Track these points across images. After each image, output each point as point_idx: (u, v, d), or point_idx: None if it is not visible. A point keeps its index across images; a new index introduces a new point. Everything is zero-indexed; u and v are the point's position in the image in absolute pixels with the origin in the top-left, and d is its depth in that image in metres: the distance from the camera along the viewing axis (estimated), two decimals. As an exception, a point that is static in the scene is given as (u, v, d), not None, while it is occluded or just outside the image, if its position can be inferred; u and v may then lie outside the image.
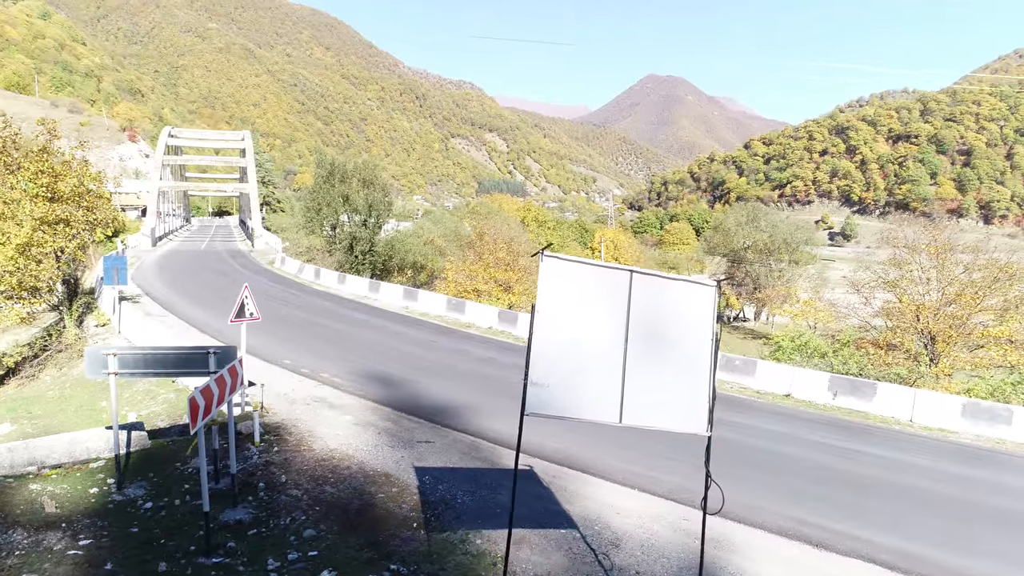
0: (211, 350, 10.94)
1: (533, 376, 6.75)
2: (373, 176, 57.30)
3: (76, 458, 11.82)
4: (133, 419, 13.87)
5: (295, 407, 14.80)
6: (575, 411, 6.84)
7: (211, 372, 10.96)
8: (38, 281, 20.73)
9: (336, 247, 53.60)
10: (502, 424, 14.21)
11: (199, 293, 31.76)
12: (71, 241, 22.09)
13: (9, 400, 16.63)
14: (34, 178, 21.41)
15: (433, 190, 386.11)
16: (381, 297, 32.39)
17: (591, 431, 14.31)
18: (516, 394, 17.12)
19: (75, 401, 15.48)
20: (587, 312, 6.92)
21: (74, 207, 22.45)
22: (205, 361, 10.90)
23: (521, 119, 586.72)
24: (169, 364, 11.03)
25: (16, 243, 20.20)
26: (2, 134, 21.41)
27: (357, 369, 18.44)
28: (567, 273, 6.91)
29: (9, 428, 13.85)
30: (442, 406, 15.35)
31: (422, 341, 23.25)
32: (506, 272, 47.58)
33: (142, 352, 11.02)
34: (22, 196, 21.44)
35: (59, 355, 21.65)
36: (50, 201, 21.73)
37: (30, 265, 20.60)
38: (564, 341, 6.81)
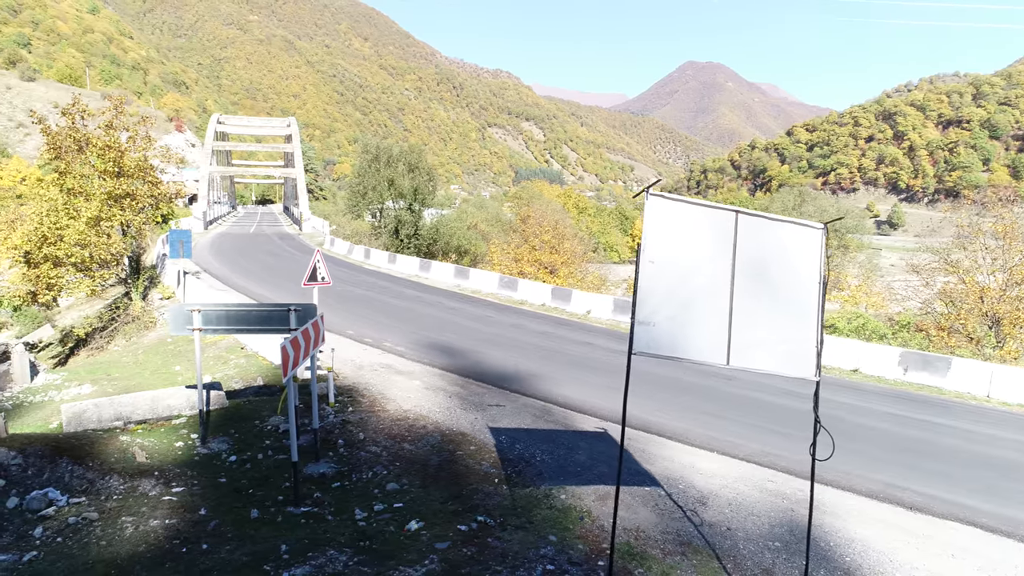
0: (292, 307, 11.03)
1: (640, 315, 6.61)
2: (419, 161, 57.52)
3: (159, 415, 12.09)
4: (209, 380, 14.13)
5: (364, 372, 14.92)
6: (682, 351, 6.70)
7: (292, 328, 11.09)
8: (107, 254, 21.27)
9: (381, 231, 54.02)
10: (570, 391, 14.12)
11: (255, 270, 32.33)
12: (137, 215, 22.62)
13: (87, 364, 17.10)
14: (102, 153, 21.93)
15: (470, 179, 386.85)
16: (432, 276, 32.54)
17: (663, 397, 14.16)
18: (579, 363, 17.13)
19: (150, 366, 15.84)
20: (693, 251, 6.76)
21: (139, 181, 22.97)
22: (286, 318, 11.01)
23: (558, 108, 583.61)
24: (252, 320, 11.16)
25: (87, 216, 20.74)
26: (72, 111, 21.96)
27: (419, 340, 18.53)
28: (672, 212, 6.75)
29: (91, 388, 14.23)
30: (507, 374, 15.32)
31: (478, 316, 23.28)
32: (551, 255, 47.39)
33: (225, 308, 11.16)
34: (91, 172, 22.00)
35: (127, 327, 22.21)
36: (117, 176, 22.25)
37: (100, 239, 21.14)
38: (670, 280, 6.66)
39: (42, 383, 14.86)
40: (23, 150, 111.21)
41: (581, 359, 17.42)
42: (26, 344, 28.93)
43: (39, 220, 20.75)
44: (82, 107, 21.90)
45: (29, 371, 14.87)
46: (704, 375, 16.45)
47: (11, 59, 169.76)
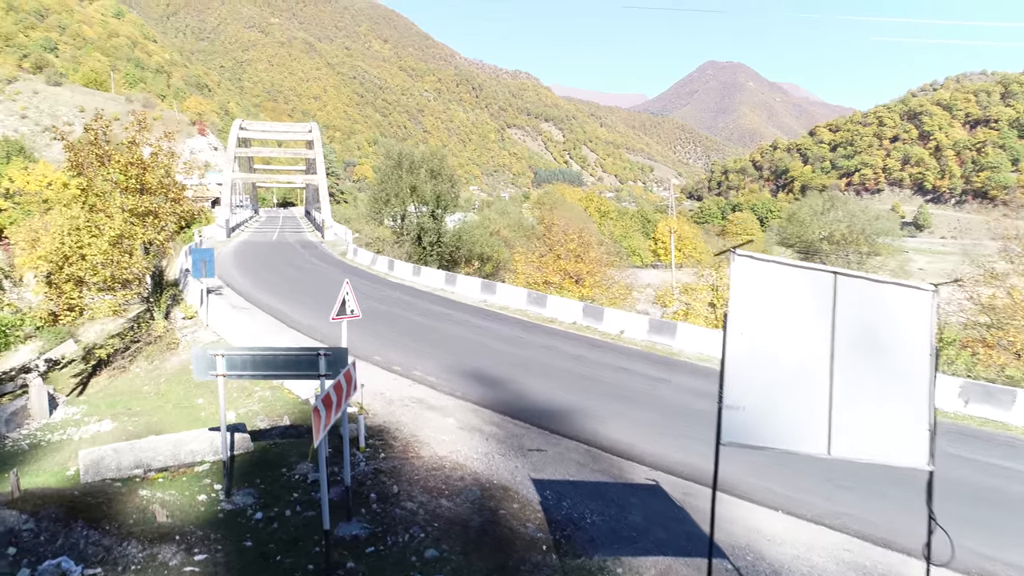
0: (321, 352, 10.30)
1: (729, 398, 5.75)
2: (440, 166, 56.87)
3: (181, 461, 11.40)
4: (232, 418, 13.46)
5: (394, 408, 14.15)
6: (776, 439, 5.83)
7: (321, 375, 10.36)
8: (129, 273, 20.75)
9: (404, 238, 53.41)
10: (615, 430, 13.25)
11: (278, 285, 31.74)
12: (159, 233, 22.09)
13: (107, 395, 16.53)
14: (124, 170, 21.42)
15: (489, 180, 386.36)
16: (458, 290, 31.77)
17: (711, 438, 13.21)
18: (619, 395, 16.23)
19: (171, 397, 15.21)
20: (787, 320, 5.88)
21: (161, 198, 22.44)
22: (315, 363, 10.29)
23: (577, 108, 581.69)
24: (278, 366, 10.45)
25: (109, 235, 20.22)
26: (94, 127, 21.47)
27: (449, 366, 17.75)
28: (762, 274, 5.88)
29: (111, 426, 13.61)
30: (546, 409, 14.47)
31: (507, 336, 22.46)
32: (577, 264, 46.45)
33: (250, 353, 10.46)
34: (113, 188, 21.49)
35: (148, 347, 21.67)
36: (139, 193, 21.74)
37: (123, 258, 20.61)
38: (762, 355, 5.79)
39: (61, 418, 14.27)
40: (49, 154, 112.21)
41: (620, 389, 16.52)
42: (48, 360, 28.63)
43: (60, 239, 20.28)
44: (104, 123, 21.41)
45: (48, 405, 14.29)
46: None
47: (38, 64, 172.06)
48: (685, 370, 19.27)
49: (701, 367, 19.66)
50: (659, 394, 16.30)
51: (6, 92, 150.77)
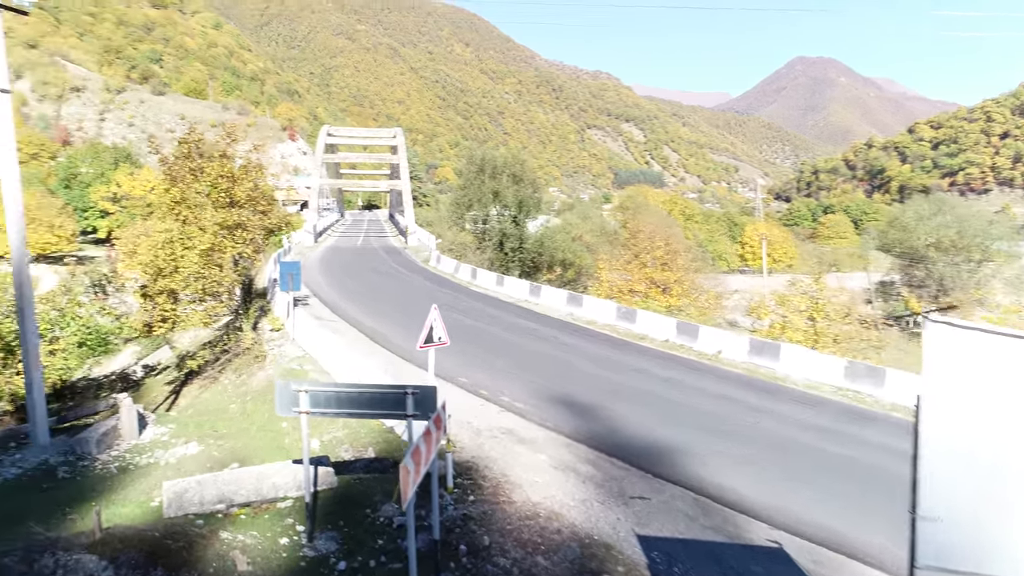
0: (409, 390, 9.55)
1: (923, 506, 4.53)
2: (522, 171, 56.20)
3: (264, 496, 10.91)
4: (316, 447, 12.97)
5: (482, 440, 13.33)
6: (990, 565, 4.55)
7: (408, 415, 9.62)
8: (219, 286, 20.89)
9: (486, 244, 53.00)
10: (723, 474, 11.96)
11: (364, 295, 31.74)
12: (248, 246, 22.20)
13: (195, 413, 16.49)
14: (215, 183, 21.60)
15: (569, 182, 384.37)
16: (542, 301, 30.84)
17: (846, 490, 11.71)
18: (722, 430, 14.85)
19: (256, 418, 14.94)
20: (1003, 405, 4.59)
21: (250, 211, 22.55)
22: (402, 402, 9.54)
23: (659, 108, 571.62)
24: (363, 404, 9.78)
25: (200, 248, 20.38)
26: (188, 140, 21.76)
27: (537, 390, 16.82)
28: (967, 347, 4.61)
29: (196, 449, 13.38)
30: (643, 445, 13.31)
31: (597, 356, 21.35)
32: (664, 272, 44.75)
33: (334, 390, 9.87)
34: (205, 201, 21.71)
35: (237, 359, 21.78)
36: (229, 206, 21.88)
37: (212, 270, 20.75)
38: (970, 451, 4.54)
39: (150, 438, 14.18)
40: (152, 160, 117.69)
41: (723, 422, 15.14)
42: (146, 366, 29.49)
43: (155, 252, 20.59)
44: (197, 136, 21.68)
45: (137, 425, 14.24)
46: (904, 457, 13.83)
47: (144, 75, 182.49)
48: (792, 399, 17.65)
49: (810, 396, 17.99)
50: (767, 428, 14.84)
51: (116, 102, 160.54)
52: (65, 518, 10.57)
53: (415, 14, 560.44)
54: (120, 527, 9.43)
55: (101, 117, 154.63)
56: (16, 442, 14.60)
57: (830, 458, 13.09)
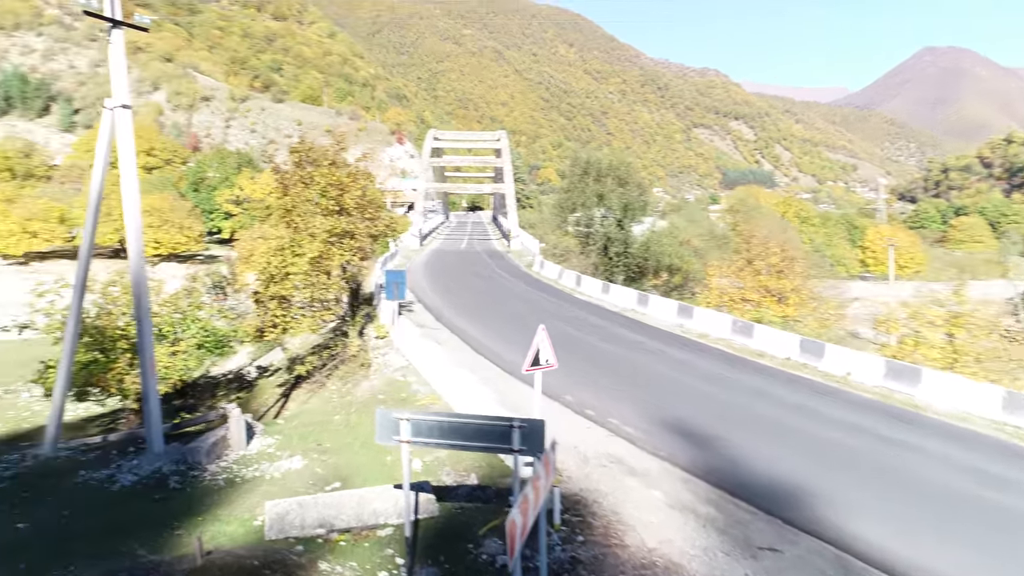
0: (515, 423, 8.86)
1: None
2: (628, 175, 54.72)
3: (364, 522, 10.52)
4: (418, 468, 12.53)
5: (590, 469, 12.46)
6: None
7: (514, 450, 8.92)
8: (327, 294, 21.09)
9: (590, 248, 51.92)
10: (865, 524, 10.51)
11: (467, 302, 31.53)
12: (355, 253, 22.33)
13: (301, 423, 16.55)
14: (324, 191, 21.83)
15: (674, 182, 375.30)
16: (650, 312, 29.51)
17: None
18: (858, 468, 13.26)
19: (361, 433, 14.72)
20: None
21: (358, 218, 22.67)
22: (508, 436, 8.87)
23: (770, 105, 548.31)
24: (467, 435, 9.18)
25: (309, 256, 20.61)
26: (299, 149, 22.12)
27: (648, 413, 15.74)
28: None
29: (301, 464, 13.28)
30: (769, 484, 12.00)
31: (710, 374, 19.97)
32: (779, 280, 42.13)
33: (436, 420, 9.33)
34: (314, 209, 21.99)
35: (343, 366, 21.94)
36: (337, 213, 22.07)
37: (321, 277, 20.97)
38: None
39: (257, 449, 14.26)
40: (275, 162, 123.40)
41: (858, 458, 13.53)
42: (259, 367, 30.47)
43: (267, 259, 21.02)
44: (307, 145, 22.02)
45: (245, 435, 14.35)
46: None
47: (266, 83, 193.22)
48: (937, 432, 15.66)
49: (960, 430, 15.91)
50: (911, 469, 13.13)
51: (240, 109, 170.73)
52: (172, 534, 10.58)
53: (520, 16, 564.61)
54: (221, 552, 9.25)
55: (227, 124, 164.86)
56: (135, 446, 15.09)
57: (997, 512, 11.32)
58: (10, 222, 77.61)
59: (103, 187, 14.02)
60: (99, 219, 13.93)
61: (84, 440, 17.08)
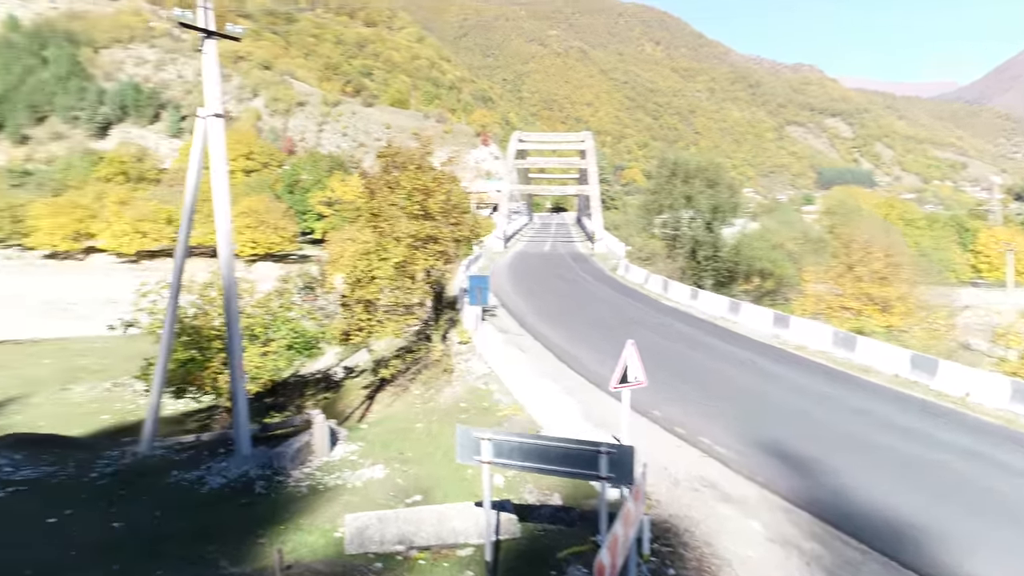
0: (602, 449, 8.32)
1: None
2: (718, 176, 52.86)
3: (443, 540, 10.22)
4: (500, 483, 12.16)
5: (681, 493, 11.74)
6: None
7: (602, 477, 8.38)
8: (411, 299, 21.10)
9: (677, 251, 50.43)
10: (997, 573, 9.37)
11: (549, 306, 31.04)
12: (439, 258, 22.27)
13: (384, 430, 16.51)
14: (409, 196, 21.87)
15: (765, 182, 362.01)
16: (742, 320, 28.14)
17: None
18: (985, 505, 11.94)
19: (442, 442, 14.50)
20: None
21: (442, 223, 22.62)
22: (594, 462, 8.35)
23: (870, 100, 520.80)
24: (551, 459, 8.72)
25: (394, 261, 20.66)
26: (386, 154, 22.26)
27: (741, 432, 14.79)
28: None
29: (382, 473, 13.17)
30: (883, 519, 10.91)
31: (811, 391, 18.70)
32: (883, 288, 39.57)
33: (519, 441, 8.92)
34: (399, 213, 22.06)
35: (426, 371, 21.91)
36: (422, 218, 22.07)
37: (405, 282, 20.99)
38: None
39: (340, 456, 14.29)
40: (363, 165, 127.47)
41: (984, 494, 12.18)
42: (346, 368, 31.02)
43: (353, 263, 21.22)
44: (394, 150, 22.13)
45: (329, 441, 14.40)
46: None
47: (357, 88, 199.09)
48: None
49: (1103, 462, 14.17)
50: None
51: (332, 114, 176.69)
52: (255, 542, 10.61)
53: (605, 16, 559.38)
54: (300, 567, 9.14)
55: (320, 128, 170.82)
56: (224, 447, 15.42)
57: None
58: (123, 222, 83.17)
59: (197, 192, 14.39)
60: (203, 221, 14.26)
61: (178, 439, 17.68)
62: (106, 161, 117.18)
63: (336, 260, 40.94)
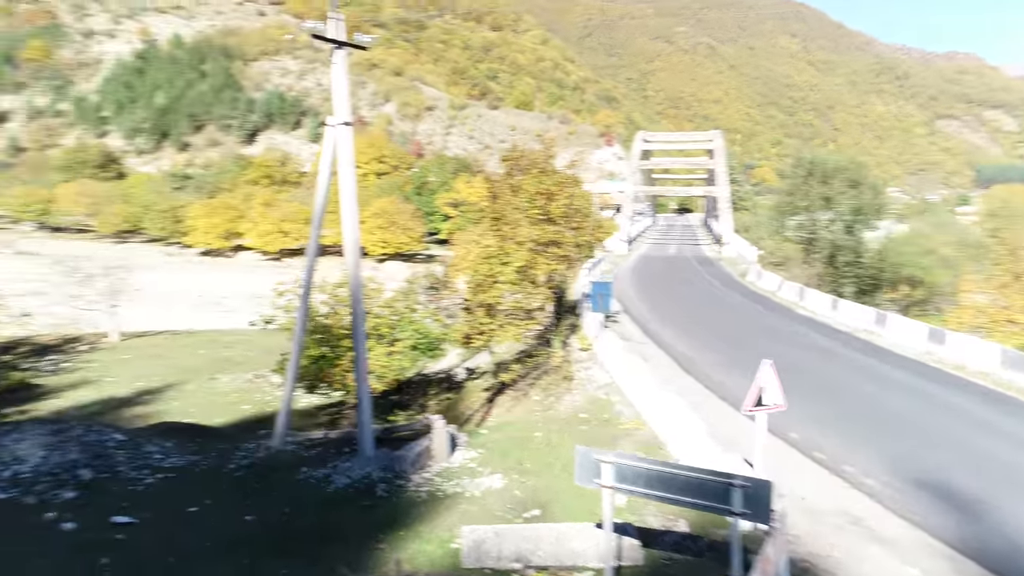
0: (736, 482, 7.60)
1: None
2: (860, 176, 49.16)
3: (561, 561, 9.82)
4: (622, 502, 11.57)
5: (822, 529, 10.68)
6: None
7: (735, 512, 7.67)
8: (532, 304, 20.90)
9: (814, 256, 47.37)
10: None
11: (674, 313, 29.90)
12: (561, 263, 21.94)
13: (503, 437, 16.37)
14: (531, 200, 21.67)
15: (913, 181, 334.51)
16: (889, 334, 25.76)
17: None
18: None
19: (561, 454, 14.13)
20: None
21: (564, 228, 22.26)
22: (726, 495, 7.63)
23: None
24: (677, 488, 8.09)
25: (516, 265, 20.54)
26: (510, 157, 22.20)
27: (893, 462, 13.36)
28: None
29: (500, 483, 12.98)
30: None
31: (974, 418, 16.70)
32: (1058, 301, 35.14)
33: (643, 467, 8.37)
34: (521, 217, 21.92)
35: (545, 377, 21.64)
36: (544, 222, 21.81)
37: (527, 287, 20.82)
38: None
39: (459, 463, 14.27)
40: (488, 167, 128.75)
41: None
42: (468, 369, 31.38)
43: (475, 267, 21.30)
44: (517, 154, 22.02)
45: (449, 447, 14.43)
46: None
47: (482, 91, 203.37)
48: None
49: None
50: None
51: (459, 117, 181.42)
52: (375, 547, 10.66)
53: (735, 10, 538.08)
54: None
55: (447, 132, 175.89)
56: (349, 447, 15.83)
57: None
58: (268, 223, 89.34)
59: (327, 198, 14.85)
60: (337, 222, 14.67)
61: (307, 435, 18.35)
62: (253, 165, 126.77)
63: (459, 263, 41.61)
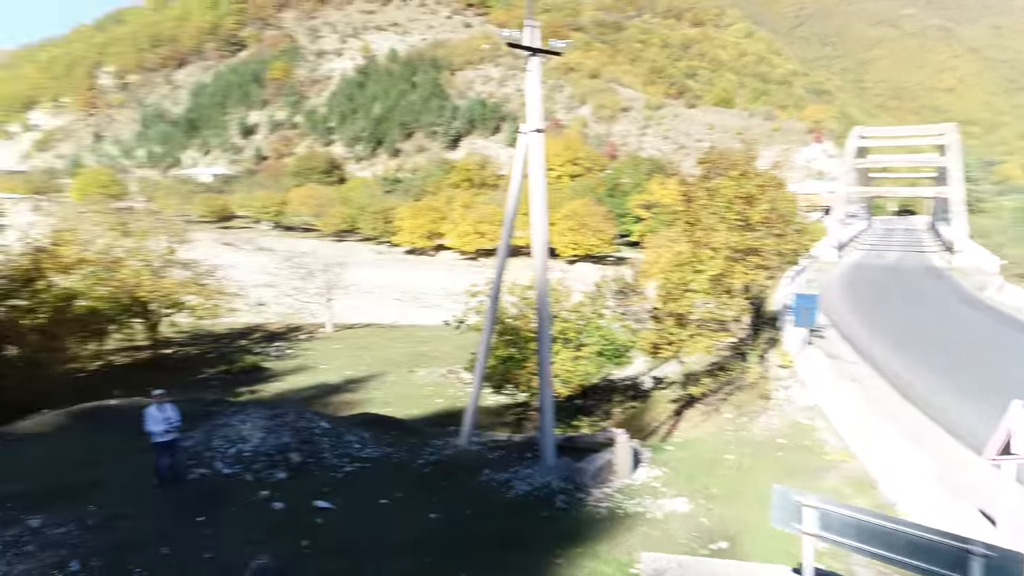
0: (975, 550, 6.32)
1: None
2: None
3: (750, 605, 8.98)
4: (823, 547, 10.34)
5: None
6: None
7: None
8: (726, 315, 19.65)
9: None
10: None
11: (893, 331, 26.38)
12: (759, 272, 20.38)
13: (690, 455, 15.47)
14: (729, 204, 20.37)
15: None
16: None
17: None
18: None
19: (752, 480, 13.02)
20: None
21: (764, 234, 20.65)
22: (962, 564, 6.38)
23: None
24: (896, 547, 6.94)
25: (710, 273, 19.44)
26: (707, 159, 21.09)
27: None
28: None
29: (685, 507, 12.22)
30: None
31: None
32: None
33: (854, 517, 7.31)
34: (718, 222, 20.71)
35: (739, 393, 20.25)
36: (743, 228, 20.41)
37: (721, 297, 19.63)
38: None
39: (641, 480, 13.67)
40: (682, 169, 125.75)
41: None
42: (655, 378, 30.49)
43: (666, 274, 20.48)
44: (715, 156, 20.81)
45: (632, 462, 13.89)
46: None
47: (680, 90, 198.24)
48: None
49: None
50: None
51: (654, 117, 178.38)
52: (552, 562, 10.48)
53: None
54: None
55: (642, 132, 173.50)
56: (531, 452, 15.85)
57: None
58: (466, 224, 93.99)
59: (519, 203, 15.00)
60: (529, 224, 14.85)
61: (492, 436, 18.73)
62: (456, 169, 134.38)
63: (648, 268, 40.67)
